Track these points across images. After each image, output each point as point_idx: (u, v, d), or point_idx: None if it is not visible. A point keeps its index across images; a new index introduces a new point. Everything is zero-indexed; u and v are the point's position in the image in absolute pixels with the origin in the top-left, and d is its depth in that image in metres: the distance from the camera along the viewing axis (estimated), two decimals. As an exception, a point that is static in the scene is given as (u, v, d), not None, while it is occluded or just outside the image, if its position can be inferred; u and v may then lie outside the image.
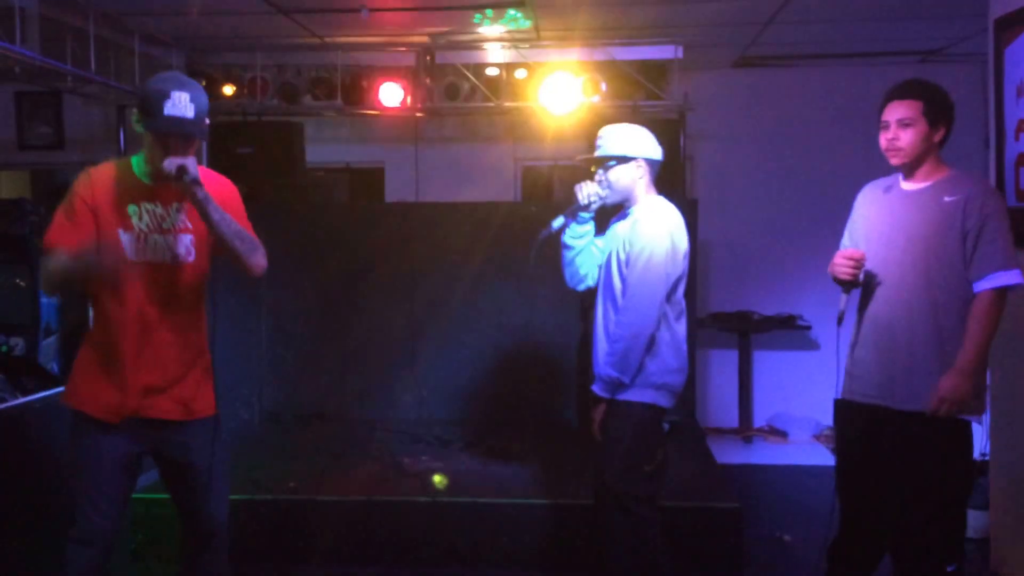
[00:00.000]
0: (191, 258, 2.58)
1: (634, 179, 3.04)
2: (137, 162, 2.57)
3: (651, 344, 2.94)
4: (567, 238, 3.14)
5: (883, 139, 2.80)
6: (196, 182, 2.42)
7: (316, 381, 5.48)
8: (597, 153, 3.08)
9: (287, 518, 3.89)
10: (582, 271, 3.18)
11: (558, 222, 3.08)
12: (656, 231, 2.94)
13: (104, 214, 2.50)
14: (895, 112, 2.77)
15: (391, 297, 5.46)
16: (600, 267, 3.15)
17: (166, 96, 2.38)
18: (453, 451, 4.70)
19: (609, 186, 3.04)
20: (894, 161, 2.80)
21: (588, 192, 3.05)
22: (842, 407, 2.95)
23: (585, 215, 3.10)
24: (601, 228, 3.19)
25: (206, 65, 5.81)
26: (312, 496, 3.95)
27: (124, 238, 2.50)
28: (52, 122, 6.41)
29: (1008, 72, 3.66)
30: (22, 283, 5.79)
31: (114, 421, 2.56)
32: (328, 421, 5.35)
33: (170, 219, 2.55)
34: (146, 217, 2.53)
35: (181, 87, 2.41)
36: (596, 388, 3.02)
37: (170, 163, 2.40)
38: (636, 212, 3.05)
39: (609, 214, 3.16)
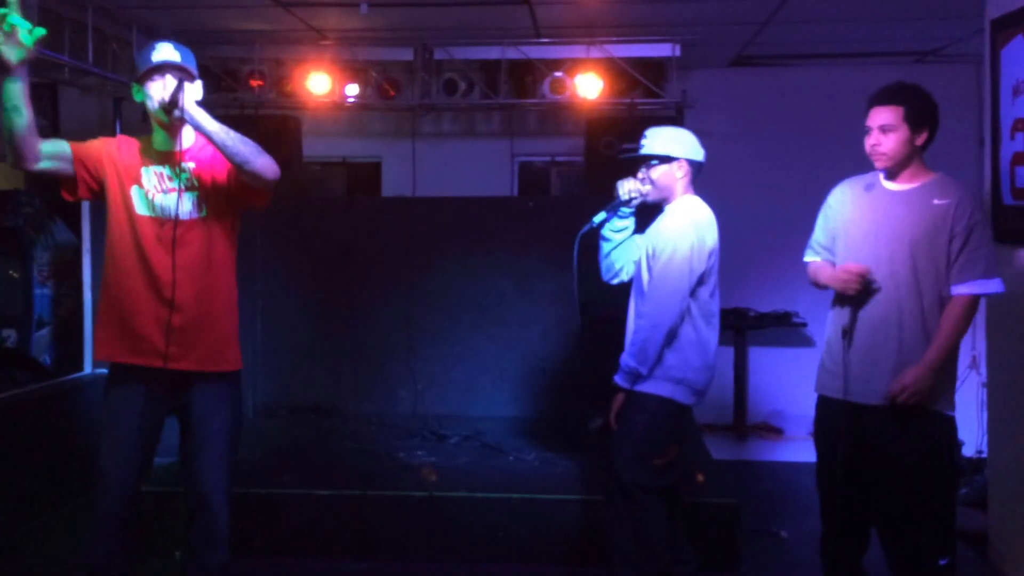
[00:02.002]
0: (199, 214, 2.73)
1: (675, 179, 3.12)
2: (153, 137, 2.77)
3: (672, 338, 3.00)
4: (606, 231, 3.22)
5: (867, 144, 2.85)
6: (185, 100, 2.57)
7: (311, 375, 5.48)
8: (642, 151, 3.15)
9: (281, 512, 3.89)
10: (617, 265, 3.26)
11: (599, 217, 3.17)
12: (682, 225, 3.02)
13: (122, 169, 2.71)
14: (877, 118, 2.82)
15: (387, 291, 5.46)
16: (636, 263, 3.23)
17: (152, 48, 2.66)
18: (448, 445, 4.70)
19: (651, 183, 3.12)
20: (878, 165, 2.87)
21: (629, 188, 3.13)
22: (823, 404, 2.97)
23: (626, 210, 3.18)
24: (644, 227, 3.25)
25: (204, 58, 5.80)
26: (307, 490, 3.95)
27: (135, 194, 2.71)
28: (48, 113, 6.38)
29: (1004, 72, 3.68)
30: (15, 274, 5.77)
31: (139, 363, 2.69)
32: (323, 415, 5.34)
33: (177, 179, 2.73)
34: (154, 179, 2.72)
35: (166, 41, 2.70)
36: (617, 378, 3.07)
37: (167, 90, 2.58)
38: (668, 209, 3.13)
39: (652, 213, 3.22)
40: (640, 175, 3.15)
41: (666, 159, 3.10)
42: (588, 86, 5.57)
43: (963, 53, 5.77)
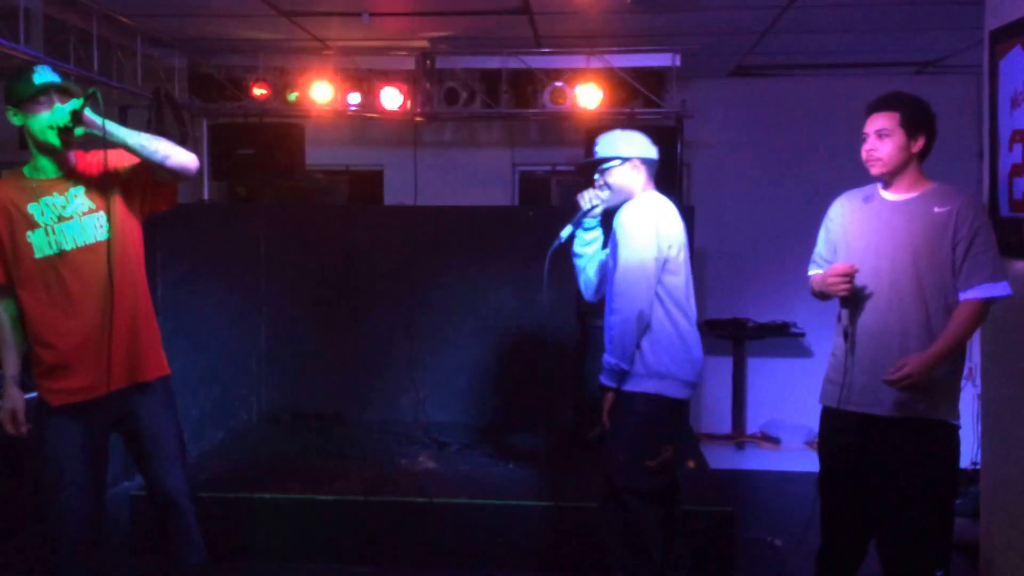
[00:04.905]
0: (104, 235, 2.67)
1: (632, 179, 3.10)
2: (28, 168, 2.70)
3: (647, 330, 2.96)
4: (576, 247, 3.20)
5: (863, 150, 2.86)
6: (87, 113, 2.51)
7: (314, 382, 5.50)
8: (595, 157, 3.15)
9: (284, 517, 3.92)
10: (594, 280, 3.23)
11: (566, 232, 3.14)
12: (640, 215, 2.99)
13: (9, 226, 2.65)
14: (874, 124, 2.84)
15: (389, 299, 5.49)
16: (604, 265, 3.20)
17: (31, 72, 2.59)
18: (450, 453, 4.72)
19: (609, 188, 3.10)
20: (874, 171, 2.86)
21: (589, 197, 3.12)
22: (829, 415, 2.96)
23: (590, 221, 3.16)
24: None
25: (208, 67, 5.84)
26: (309, 496, 3.98)
27: (33, 238, 2.63)
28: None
29: (1003, 83, 3.69)
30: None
31: (74, 401, 2.67)
32: (326, 422, 5.36)
33: (70, 206, 2.66)
34: (47, 211, 2.66)
35: (40, 64, 2.65)
36: (601, 377, 3.05)
37: (60, 110, 2.53)
38: (628, 204, 3.10)
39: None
40: (597, 183, 3.13)
41: (619, 160, 3.09)
42: (588, 96, 5.60)
43: (963, 64, 5.79)
